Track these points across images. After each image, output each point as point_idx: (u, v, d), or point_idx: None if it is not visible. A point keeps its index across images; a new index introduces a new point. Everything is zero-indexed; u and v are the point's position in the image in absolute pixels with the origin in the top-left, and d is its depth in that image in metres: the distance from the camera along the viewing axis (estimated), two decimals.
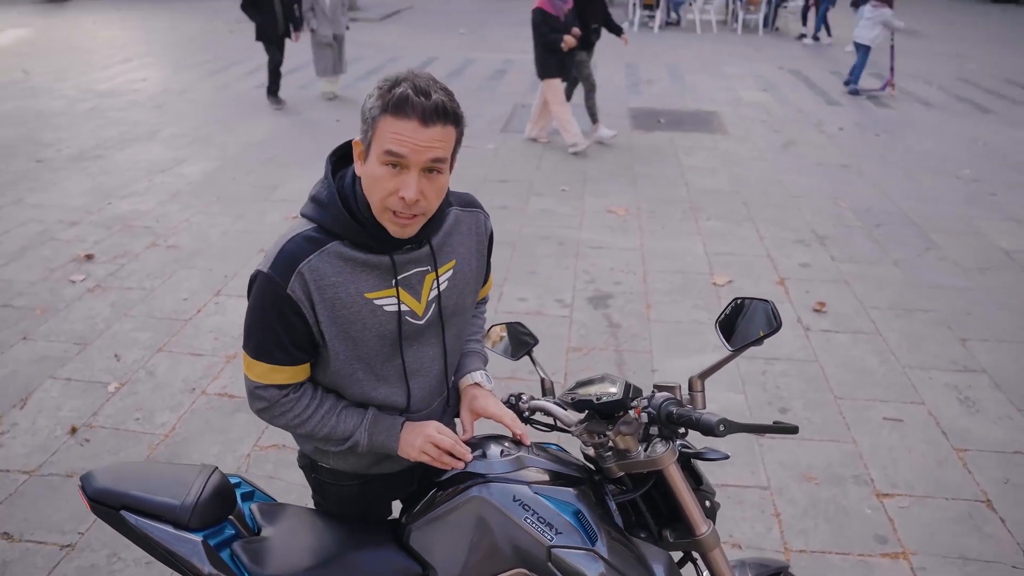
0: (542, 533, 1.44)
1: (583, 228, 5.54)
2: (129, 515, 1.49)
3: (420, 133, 1.28)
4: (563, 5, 6.79)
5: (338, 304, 1.41)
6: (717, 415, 1.38)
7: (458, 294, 1.57)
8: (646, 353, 3.93)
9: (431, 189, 1.34)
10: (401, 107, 1.27)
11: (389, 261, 1.43)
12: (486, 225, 1.63)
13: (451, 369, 1.65)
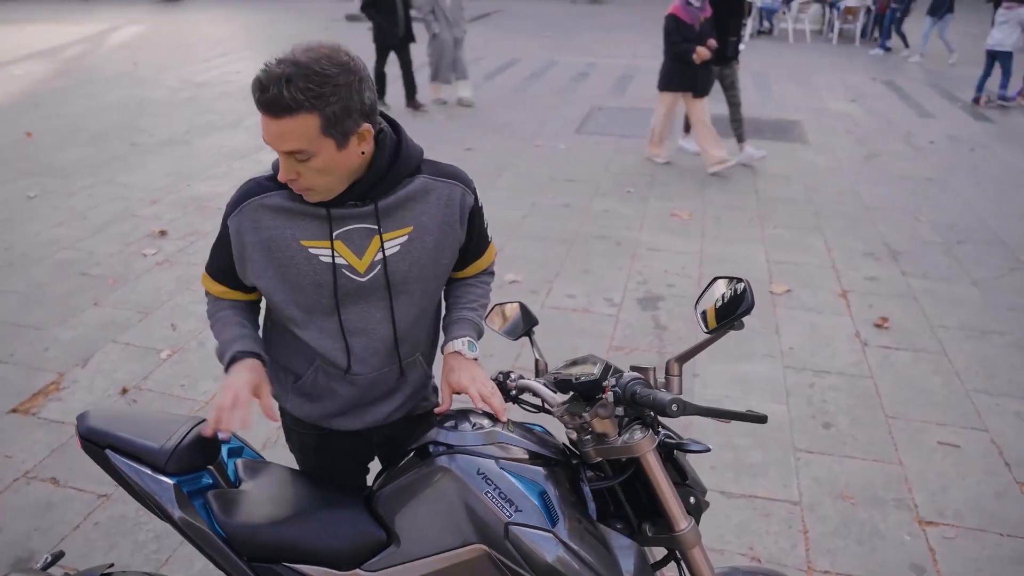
0: (501, 508, 1.42)
1: (643, 230, 5.45)
2: (113, 454, 1.55)
3: (271, 126, 1.31)
4: (699, 12, 6.19)
5: (273, 246, 1.47)
6: (672, 394, 1.33)
7: (411, 262, 1.53)
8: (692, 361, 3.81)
9: (306, 170, 1.36)
10: (256, 101, 1.31)
11: (326, 213, 1.46)
12: (464, 199, 1.58)
13: (406, 339, 1.62)
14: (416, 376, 1.71)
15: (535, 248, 5.14)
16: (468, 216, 1.61)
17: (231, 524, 1.52)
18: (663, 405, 1.31)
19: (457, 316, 1.71)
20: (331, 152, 1.35)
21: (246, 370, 1.49)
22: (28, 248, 5.21)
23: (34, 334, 4.09)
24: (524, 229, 5.47)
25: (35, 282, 4.70)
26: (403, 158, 1.49)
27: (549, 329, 4.08)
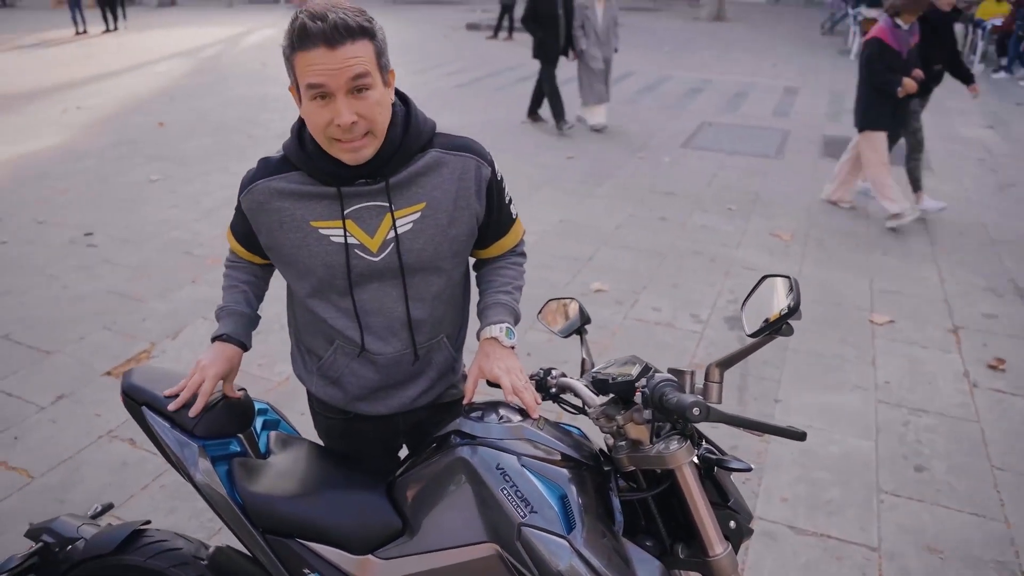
0: (516, 508, 1.34)
1: (740, 248, 5.21)
2: (148, 412, 1.57)
3: (330, 57, 1.27)
4: (909, 38, 5.25)
5: (284, 227, 1.46)
6: (696, 397, 1.21)
7: (426, 239, 1.48)
8: (773, 381, 3.60)
9: (365, 107, 1.32)
10: (304, 39, 1.27)
11: (336, 192, 1.43)
12: (479, 172, 1.52)
13: (421, 321, 1.56)
14: (441, 359, 1.65)
15: (626, 258, 5.01)
16: (486, 189, 1.54)
17: (249, 493, 1.51)
18: (684, 408, 1.20)
19: (492, 300, 1.64)
20: (381, 88, 1.35)
21: (223, 359, 1.57)
22: (144, 226, 5.55)
23: (135, 305, 4.33)
24: (617, 239, 5.35)
25: (144, 257, 4.98)
26: (413, 131, 1.45)
27: (630, 341, 3.95)
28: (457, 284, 1.64)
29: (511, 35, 16.87)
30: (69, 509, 2.72)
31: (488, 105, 9.93)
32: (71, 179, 6.71)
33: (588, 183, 6.64)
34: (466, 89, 11.07)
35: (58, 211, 5.91)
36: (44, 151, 7.77)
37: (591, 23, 7.96)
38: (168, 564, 1.66)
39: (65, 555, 1.70)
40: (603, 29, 8.01)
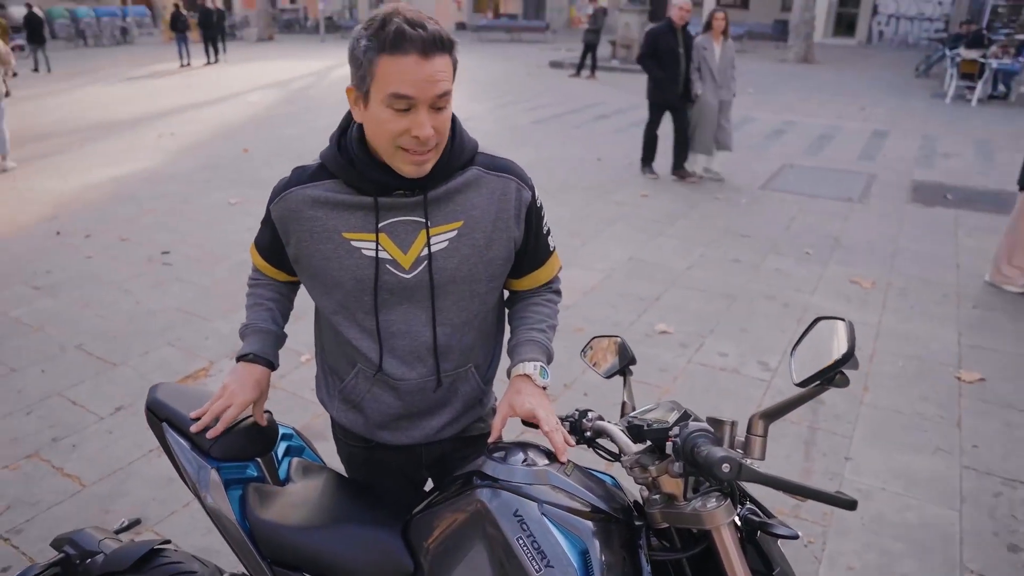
0: (530, 560, 1.22)
1: (816, 294, 4.96)
2: (168, 429, 1.54)
3: (423, 68, 1.22)
4: None
5: (315, 237, 1.41)
6: (727, 451, 1.07)
7: (460, 259, 1.41)
8: (844, 437, 3.35)
9: (440, 121, 1.29)
10: (398, 43, 1.21)
11: (373, 203, 1.37)
12: (520, 195, 1.46)
13: (448, 348, 1.48)
14: (468, 390, 1.56)
15: (694, 300, 4.83)
16: (526, 213, 1.48)
17: (259, 520, 1.45)
18: (712, 463, 1.07)
19: (525, 337, 1.54)
20: (451, 106, 1.31)
21: (251, 385, 1.51)
22: (217, 247, 5.71)
23: (200, 323, 4.41)
24: (686, 280, 5.18)
25: (215, 278, 5.11)
26: (458, 147, 1.40)
27: (691, 387, 3.77)
28: (490, 312, 1.56)
29: (593, 74, 16.95)
30: (114, 519, 2.73)
31: (565, 141, 9.92)
32: (157, 200, 7.00)
33: (661, 222, 6.49)
34: (544, 125, 11.11)
35: (142, 230, 6.16)
36: (137, 173, 8.16)
37: (707, 64, 7.44)
38: None
39: (84, 568, 1.67)
40: (721, 68, 7.48)
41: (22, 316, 4.55)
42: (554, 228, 6.24)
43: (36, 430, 3.35)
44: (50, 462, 3.12)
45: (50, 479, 3.01)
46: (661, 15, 29.90)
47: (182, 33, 19.06)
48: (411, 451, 1.61)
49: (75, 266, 5.39)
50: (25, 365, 3.94)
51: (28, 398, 3.62)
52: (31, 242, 5.93)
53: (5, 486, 2.97)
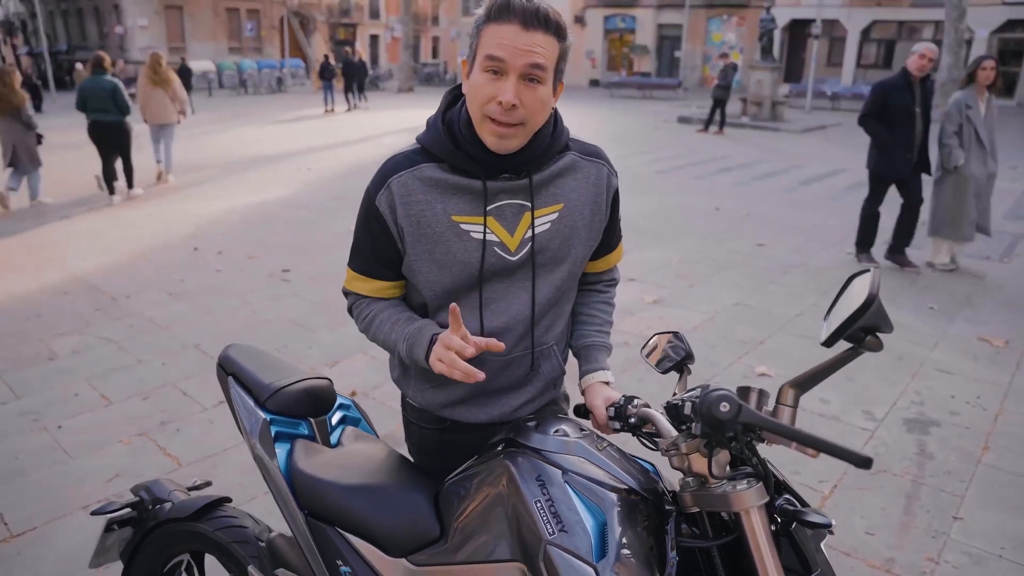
0: (545, 523, 1.20)
1: (937, 349, 4.61)
2: (232, 381, 1.64)
3: (520, 37, 1.27)
4: None
5: (423, 222, 1.40)
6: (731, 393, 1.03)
7: (561, 240, 1.47)
8: (956, 496, 3.07)
9: (530, 98, 1.30)
10: (503, 11, 1.28)
11: (481, 186, 1.39)
12: (610, 180, 1.53)
13: (542, 321, 1.52)
14: (549, 369, 1.58)
15: (799, 347, 4.62)
16: (612, 197, 1.55)
17: (300, 472, 1.51)
18: (710, 403, 1.03)
19: (596, 341, 1.65)
20: (548, 89, 1.35)
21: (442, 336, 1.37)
22: (332, 269, 6.03)
23: (307, 334, 4.65)
24: (794, 327, 4.96)
25: (326, 295, 5.39)
26: (559, 132, 1.46)
27: None
28: (573, 292, 1.62)
29: (722, 129, 16.77)
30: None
31: (684, 191, 9.84)
32: (286, 225, 7.49)
33: (775, 270, 6.27)
34: (666, 175, 11.08)
35: (269, 250, 6.60)
36: (272, 201, 8.79)
37: (973, 125, 5.90)
38: (231, 539, 1.69)
39: (153, 513, 1.80)
40: (988, 135, 5.98)
41: (155, 317, 4.97)
42: (663, 271, 6.19)
43: (149, 413, 3.62)
44: (156, 442, 3.36)
45: (154, 456, 3.23)
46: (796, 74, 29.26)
47: (328, 81, 20.54)
48: (485, 431, 1.57)
49: (206, 277, 5.84)
50: (149, 358, 4.29)
51: (147, 385, 3.93)
52: (172, 255, 6.49)
53: (117, 456, 3.22)
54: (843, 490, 3.10)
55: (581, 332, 1.66)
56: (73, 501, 2.90)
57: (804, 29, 28.37)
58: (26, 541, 2.68)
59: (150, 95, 9.45)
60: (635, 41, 35.31)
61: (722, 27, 33.07)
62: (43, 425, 3.51)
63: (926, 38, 27.81)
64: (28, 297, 5.39)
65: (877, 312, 1.10)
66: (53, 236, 7.24)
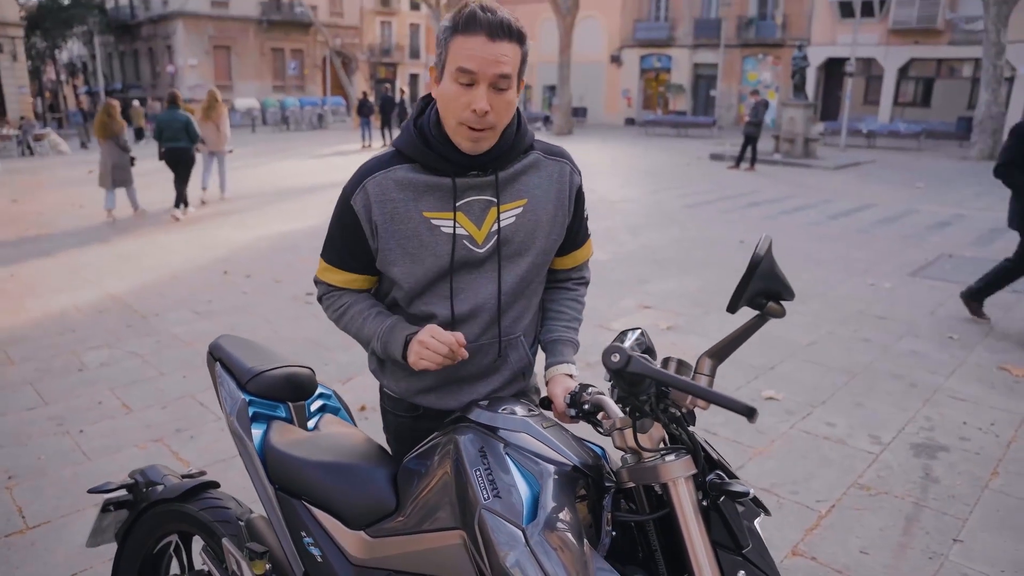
0: (481, 489, 1.28)
1: (953, 377, 4.55)
2: (220, 367, 1.75)
3: (488, 48, 1.37)
4: None
5: (397, 218, 1.50)
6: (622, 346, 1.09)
7: (525, 233, 1.57)
8: (957, 519, 3.03)
9: (499, 103, 1.42)
10: (469, 24, 1.38)
11: (451, 183, 1.50)
12: (572, 177, 1.63)
13: (508, 310, 1.60)
14: (516, 359, 1.66)
15: (810, 372, 4.60)
16: (576, 195, 1.64)
17: (273, 449, 1.60)
18: (604, 355, 1.10)
19: (562, 336, 1.71)
20: (515, 92, 1.46)
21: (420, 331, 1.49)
22: None
23: (324, 353, 4.79)
24: (806, 353, 4.95)
25: None
26: (522, 132, 1.56)
27: (788, 451, 3.58)
28: (539, 285, 1.69)
29: (753, 166, 16.77)
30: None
31: (710, 224, 9.86)
32: (313, 252, 7.70)
33: (794, 301, 6.24)
34: (693, 209, 11.12)
35: (294, 275, 6.80)
36: (302, 230, 9.04)
37: None
38: (214, 518, 1.78)
39: (145, 494, 1.90)
40: None
41: (180, 333, 5.16)
42: (680, 299, 6.22)
43: (166, 421, 3.76)
44: (170, 447, 3.49)
45: (167, 460, 3.36)
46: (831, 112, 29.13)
47: (366, 118, 21.09)
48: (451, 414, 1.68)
49: (232, 299, 6.04)
50: (171, 371, 4.46)
51: (167, 396, 4.08)
52: (203, 277, 6.73)
53: (132, 460, 3.36)
54: (841, 510, 3.08)
55: (549, 327, 1.74)
56: (87, 499, 3.03)
57: (840, 68, 28.33)
58: (39, 533, 2.81)
59: (205, 127, 10.91)
60: (671, 80, 35.59)
61: (757, 66, 33.18)
62: (66, 429, 3.67)
63: (965, 76, 27.59)
64: (65, 314, 5.64)
65: (767, 275, 1.17)
66: (93, 258, 7.56)
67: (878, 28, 28.44)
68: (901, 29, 27.98)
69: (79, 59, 49.54)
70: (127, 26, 41.60)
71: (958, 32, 26.68)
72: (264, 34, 39.13)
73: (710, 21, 33.42)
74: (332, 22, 40.26)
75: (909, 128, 23.91)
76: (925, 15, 27.26)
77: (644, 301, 6.17)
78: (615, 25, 36.62)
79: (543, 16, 37.02)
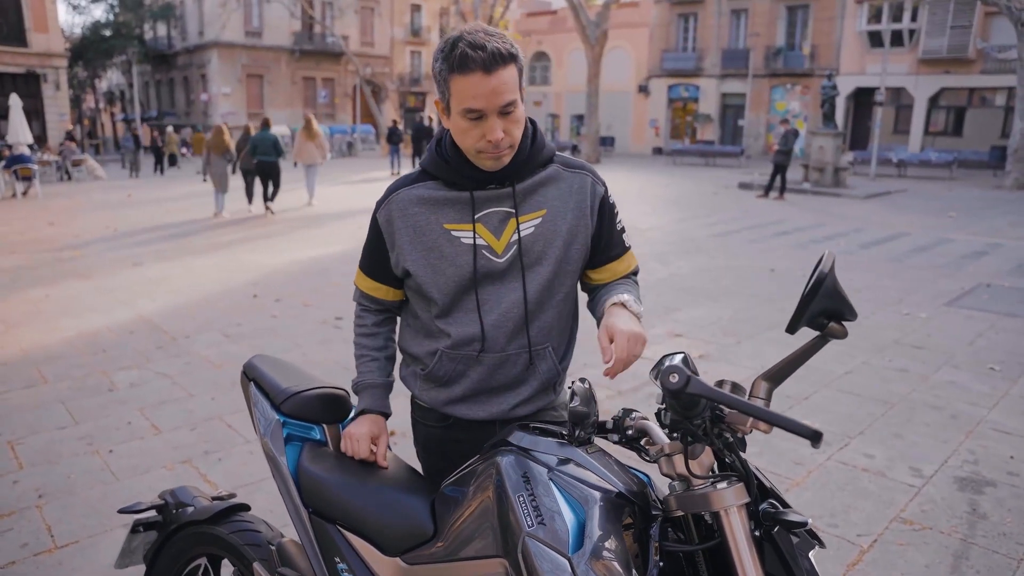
0: (524, 516, 1.23)
1: (996, 409, 4.41)
2: (253, 387, 1.73)
3: (487, 83, 1.41)
4: None
5: (419, 230, 1.58)
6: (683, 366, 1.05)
7: (544, 243, 1.57)
8: (1009, 558, 2.91)
9: (511, 124, 1.48)
10: (463, 64, 1.41)
11: (469, 197, 1.55)
12: (594, 188, 1.63)
13: (535, 319, 1.60)
14: (545, 369, 1.65)
15: (846, 403, 4.49)
16: (599, 205, 1.63)
17: (306, 470, 1.57)
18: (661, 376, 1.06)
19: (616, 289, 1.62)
20: (520, 108, 1.49)
21: (367, 423, 1.68)
22: None
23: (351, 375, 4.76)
24: (841, 383, 4.84)
25: None
26: (539, 144, 1.58)
27: (825, 482, 3.48)
28: (567, 297, 1.68)
29: (782, 195, 16.64)
30: None
31: (737, 253, 9.77)
32: (343, 277, 7.75)
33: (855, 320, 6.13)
34: (720, 238, 11.04)
35: (323, 299, 6.82)
36: (332, 255, 9.11)
37: None
38: (244, 542, 1.76)
39: (175, 516, 1.88)
40: None
41: (210, 356, 5.18)
42: (711, 328, 6.14)
43: (194, 442, 3.76)
44: (198, 469, 3.48)
45: (194, 481, 3.35)
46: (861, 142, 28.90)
47: (396, 145, 21.32)
48: (486, 429, 1.66)
49: (261, 322, 6.07)
50: (200, 392, 4.46)
51: (195, 417, 4.08)
52: (233, 300, 6.78)
53: (160, 480, 3.35)
54: (883, 544, 2.97)
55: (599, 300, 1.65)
56: (115, 519, 3.02)
57: (869, 97, 28.18)
58: (67, 553, 2.80)
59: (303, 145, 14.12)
60: (698, 110, 35.64)
61: (785, 96, 33.13)
62: (96, 449, 3.68)
63: (998, 105, 27.28)
64: (97, 334, 5.70)
65: (831, 293, 1.12)
66: (125, 280, 7.66)
67: (908, 57, 28.31)
68: (931, 59, 27.82)
69: (117, 87, 50.93)
70: (164, 56, 42.72)
71: (990, 61, 26.45)
72: (296, 63, 39.92)
73: (738, 51, 33.50)
74: (363, 52, 40.97)
75: (940, 157, 23.65)
76: (956, 44, 27.09)
77: (674, 329, 6.10)
78: (643, 55, 36.84)
79: (572, 46, 37.40)
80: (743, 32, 33.56)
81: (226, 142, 12.93)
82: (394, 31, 43.84)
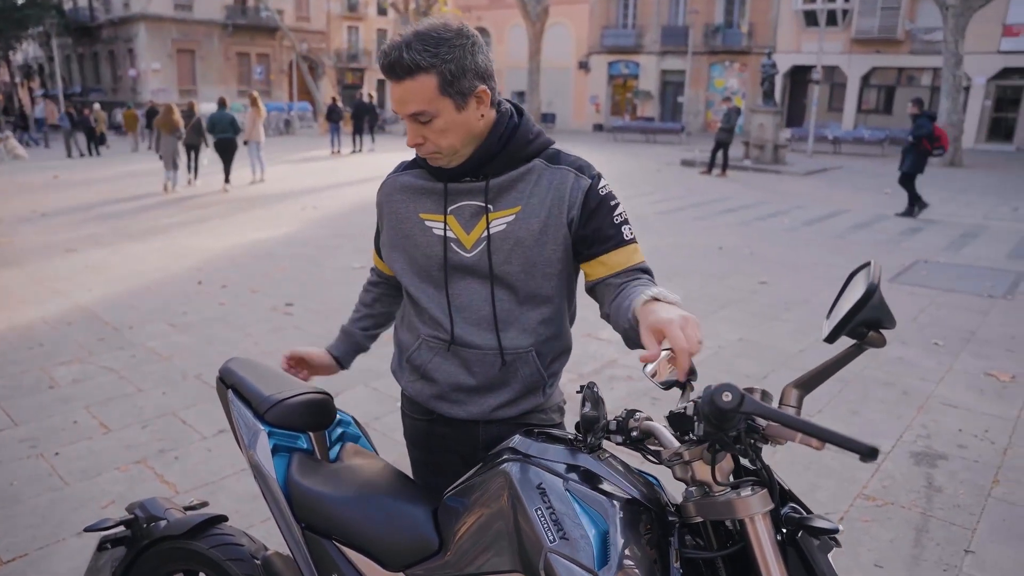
0: (546, 531, 1.18)
1: (943, 384, 4.57)
2: (232, 394, 1.63)
3: (396, 91, 1.40)
4: None
5: (399, 217, 1.61)
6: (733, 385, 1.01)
7: (515, 241, 1.51)
8: (965, 528, 3.01)
9: (430, 132, 1.43)
10: (383, 71, 1.41)
11: (443, 188, 1.54)
12: (577, 183, 1.51)
13: (507, 324, 1.54)
14: (527, 374, 1.59)
15: None
16: (582, 199, 1.50)
17: (297, 484, 1.49)
18: (713, 393, 1.02)
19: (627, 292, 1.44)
20: (451, 113, 1.41)
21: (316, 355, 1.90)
22: (335, 303, 6.05)
23: None
24: (797, 361, 4.94)
25: (329, 328, 5.38)
26: (518, 140, 1.51)
27: (791, 461, 3.54)
28: (552, 300, 1.59)
29: (724, 172, 16.90)
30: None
31: (685, 231, 9.88)
32: (290, 260, 7.54)
33: (777, 307, 6.27)
34: (667, 216, 11.14)
35: (271, 285, 6.62)
36: (276, 238, 8.84)
37: None
38: (226, 557, 1.66)
39: (147, 531, 1.77)
40: None
41: (157, 347, 4.96)
42: None
43: (147, 441, 3.59)
44: (154, 469, 3.33)
45: (151, 483, 3.20)
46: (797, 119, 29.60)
47: (336, 124, 20.82)
48: (468, 428, 1.63)
49: (208, 310, 5.85)
50: (150, 387, 4.27)
51: (146, 414, 3.91)
52: (176, 288, 6.51)
53: (114, 483, 3.19)
54: (849, 522, 3.04)
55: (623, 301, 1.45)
56: (67, 527, 2.86)
57: (805, 75, 28.83)
58: (16, 568, 2.64)
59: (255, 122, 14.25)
60: (638, 86, 35.85)
61: (724, 73, 33.59)
62: (40, 452, 3.48)
63: (925, 85, 28.23)
64: (31, 327, 5.40)
65: (878, 305, 1.10)
66: (59, 268, 7.28)
67: (841, 36, 29.00)
68: (863, 39, 28.56)
69: (35, 61, 48.29)
70: (86, 28, 40.67)
71: (918, 42, 27.33)
72: (229, 38, 38.56)
73: (677, 28, 33.76)
74: (299, 27, 39.81)
75: (873, 135, 24.38)
76: (886, 25, 27.88)
77: None
78: (583, 32, 36.80)
79: (512, 22, 37.08)
80: (682, 9, 33.81)
81: (175, 120, 13.24)
82: (330, 6, 42.71)
